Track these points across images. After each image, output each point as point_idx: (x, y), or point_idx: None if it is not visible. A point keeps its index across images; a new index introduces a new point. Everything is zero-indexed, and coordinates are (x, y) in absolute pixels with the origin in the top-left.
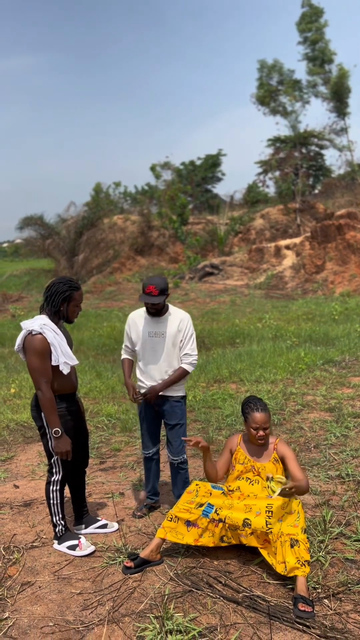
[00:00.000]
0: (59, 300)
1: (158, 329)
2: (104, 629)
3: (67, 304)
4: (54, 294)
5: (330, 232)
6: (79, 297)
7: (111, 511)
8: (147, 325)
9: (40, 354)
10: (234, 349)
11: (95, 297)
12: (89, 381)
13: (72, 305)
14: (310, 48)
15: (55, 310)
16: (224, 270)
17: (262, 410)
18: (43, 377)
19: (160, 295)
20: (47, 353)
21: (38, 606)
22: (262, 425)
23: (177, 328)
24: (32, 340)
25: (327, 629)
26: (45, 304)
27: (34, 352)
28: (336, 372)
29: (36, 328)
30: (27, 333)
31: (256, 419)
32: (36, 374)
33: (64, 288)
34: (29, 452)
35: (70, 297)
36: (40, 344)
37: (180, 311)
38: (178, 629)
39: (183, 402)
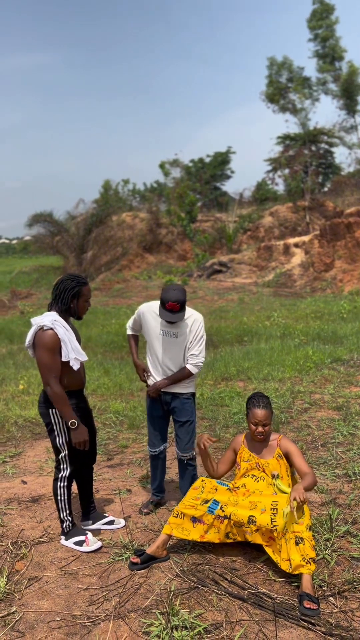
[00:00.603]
0: (68, 297)
1: (172, 329)
2: (110, 624)
3: (76, 300)
4: (62, 291)
5: (340, 230)
6: (88, 292)
7: (118, 507)
8: (161, 324)
9: (50, 350)
10: (241, 347)
11: (104, 294)
12: (96, 378)
13: (81, 301)
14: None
15: (66, 307)
16: (232, 268)
17: (264, 407)
18: (52, 373)
19: (181, 311)
20: (57, 348)
21: (45, 601)
22: (261, 422)
23: (189, 328)
24: (43, 336)
25: (332, 626)
26: (55, 302)
27: (45, 348)
28: (344, 370)
29: (47, 323)
30: (37, 329)
31: (256, 415)
32: (45, 369)
33: (72, 284)
34: (37, 448)
35: (80, 293)
36: (51, 339)
37: (195, 312)
38: (184, 624)
39: (193, 399)
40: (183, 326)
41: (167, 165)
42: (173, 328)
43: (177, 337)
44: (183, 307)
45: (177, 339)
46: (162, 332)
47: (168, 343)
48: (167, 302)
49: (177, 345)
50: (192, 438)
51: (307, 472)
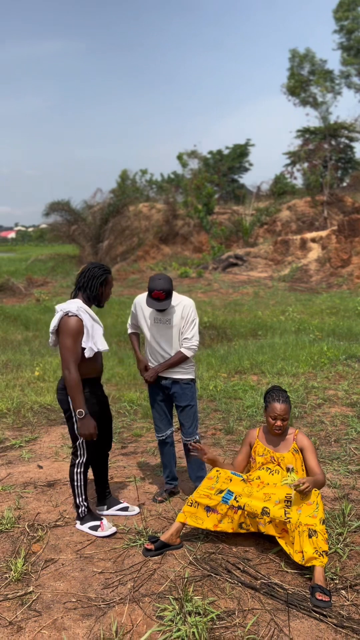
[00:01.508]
0: (97, 284)
1: (164, 316)
2: (125, 608)
3: (103, 287)
4: (90, 279)
5: (358, 226)
6: (112, 280)
7: (132, 495)
8: (154, 312)
9: (74, 335)
10: (255, 341)
11: (119, 284)
12: (111, 367)
13: (107, 289)
14: (345, 37)
15: (95, 294)
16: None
17: (283, 402)
18: (72, 357)
19: (167, 299)
20: (81, 335)
21: (61, 582)
22: (280, 415)
23: (181, 314)
24: (68, 321)
25: (343, 618)
26: (81, 289)
27: (68, 333)
28: (359, 367)
29: (73, 310)
30: (63, 314)
31: (276, 409)
32: (67, 353)
33: (99, 272)
34: (52, 434)
35: (106, 281)
36: (76, 324)
37: (184, 298)
38: (197, 611)
39: (193, 384)
40: (174, 313)
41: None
42: (164, 315)
43: (170, 323)
44: (169, 295)
45: (169, 325)
46: (156, 319)
47: (162, 329)
48: (153, 291)
49: (170, 331)
50: (194, 422)
51: (317, 472)
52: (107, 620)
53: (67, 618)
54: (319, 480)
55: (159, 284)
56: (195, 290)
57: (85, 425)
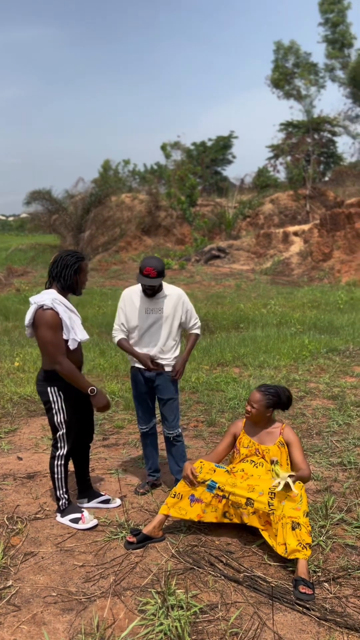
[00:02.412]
0: (70, 273)
1: (155, 306)
2: (107, 602)
3: (78, 276)
4: (63, 268)
5: (340, 220)
6: (86, 267)
7: (114, 487)
8: (144, 302)
9: (53, 328)
10: (238, 334)
11: (100, 275)
12: (92, 359)
13: (82, 277)
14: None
15: (69, 283)
16: (231, 254)
17: (259, 391)
18: (59, 350)
19: (158, 277)
20: (59, 326)
21: (41, 576)
22: (252, 402)
23: (174, 304)
24: (44, 315)
25: (326, 611)
26: (55, 279)
27: (47, 326)
28: (340, 360)
29: (47, 303)
30: (37, 307)
31: (251, 395)
32: (52, 348)
33: (72, 260)
34: (32, 425)
35: (80, 269)
36: (52, 318)
37: (175, 288)
38: (180, 604)
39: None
40: (165, 303)
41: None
42: (156, 304)
43: (161, 312)
44: (160, 275)
45: (160, 314)
46: (147, 310)
47: (153, 319)
48: (145, 268)
49: (160, 320)
50: (176, 415)
51: (302, 467)
52: (88, 615)
53: (47, 612)
54: (304, 476)
55: (151, 262)
56: (178, 282)
57: (98, 400)
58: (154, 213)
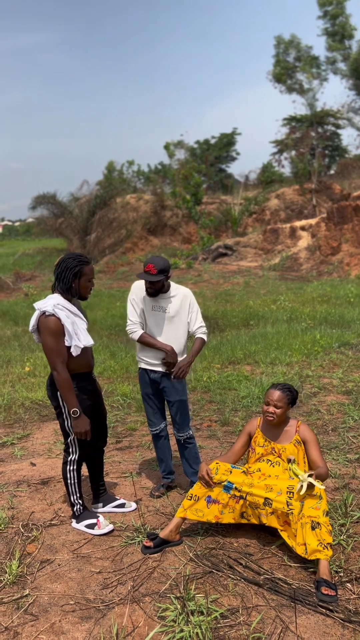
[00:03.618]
0: (69, 276)
1: (161, 304)
2: (126, 609)
3: (78, 279)
4: (64, 271)
5: (347, 213)
6: (90, 271)
7: (129, 490)
8: (151, 300)
9: (54, 334)
10: (248, 331)
11: (108, 277)
12: (102, 361)
13: (83, 281)
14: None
15: (67, 287)
16: (238, 251)
17: (280, 389)
18: (59, 357)
19: (158, 275)
20: (61, 333)
21: (58, 584)
22: (273, 401)
23: (180, 304)
24: (46, 321)
25: (350, 613)
26: (57, 282)
27: (49, 333)
28: (352, 355)
29: (49, 309)
30: (40, 314)
31: (270, 394)
32: (52, 354)
33: (73, 263)
34: (44, 430)
35: (81, 272)
36: (54, 324)
37: (182, 287)
38: (200, 610)
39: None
40: (171, 302)
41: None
42: (162, 303)
43: (167, 312)
44: (161, 273)
45: (166, 314)
46: (154, 307)
47: (159, 318)
48: (147, 264)
49: (164, 320)
50: (186, 417)
51: (320, 465)
52: (107, 623)
53: (65, 621)
54: (321, 474)
55: (154, 259)
56: (186, 281)
57: (80, 424)
58: (160, 213)
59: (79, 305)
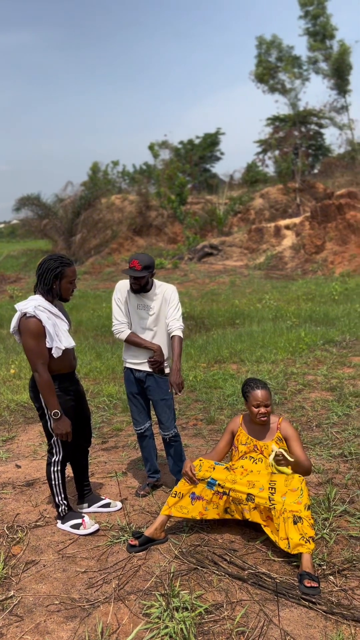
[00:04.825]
0: (50, 277)
1: (145, 302)
2: (110, 607)
3: (59, 281)
4: (45, 272)
5: (330, 211)
6: (72, 273)
7: (114, 490)
8: (135, 298)
9: (35, 336)
10: (234, 330)
11: (94, 278)
12: (88, 362)
13: (64, 282)
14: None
15: (48, 288)
16: (223, 250)
17: (263, 388)
18: (39, 359)
19: (143, 271)
20: (42, 335)
21: (43, 585)
22: (263, 402)
23: (161, 300)
24: (27, 323)
25: (333, 605)
26: (38, 283)
27: (29, 334)
28: (337, 352)
29: (30, 311)
30: (21, 315)
31: (257, 396)
32: (33, 356)
33: (54, 265)
34: (30, 432)
35: (62, 274)
36: (35, 326)
37: (165, 284)
38: (184, 606)
39: (167, 377)
40: (155, 299)
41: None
42: (146, 301)
43: (150, 310)
44: (145, 269)
45: (149, 312)
46: (139, 305)
47: (143, 316)
48: (132, 260)
49: (148, 318)
50: (171, 416)
51: (303, 459)
52: (91, 621)
53: (50, 621)
54: (305, 467)
55: (139, 256)
56: (172, 281)
57: (61, 425)
58: (145, 213)
59: (61, 307)
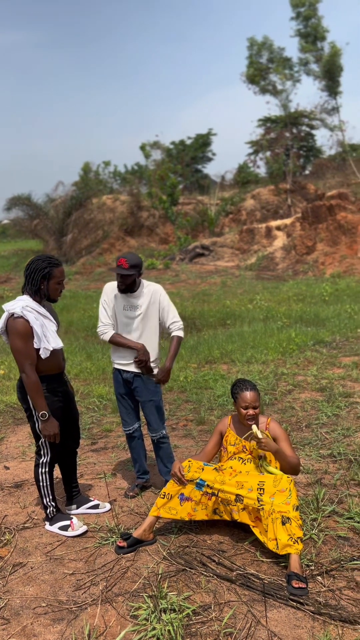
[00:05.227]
0: (38, 277)
1: (132, 302)
2: (98, 609)
3: (47, 281)
4: (33, 272)
5: (321, 212)
6: (60, 274)
7: (103, 491)
8: (122, 299)
9: (23, 337)
10: (225, 330)
11: (85, 278)
12: (79, 362)
13: (52, 283)
14: (302, 24)
15: (36, 288)
16: (215, 251)
17: (252, 389)
18: (27, 360)
19: (130, 269)
20: (30, 335)
21: (30, 587)
22: (251, 404)
23: (150, 301)
24: (14, 324)
25: (320, 605)
26: (26, 283)
27: (17, 335)
28: (327, 352)
29: (17, 311)
30: (8, 315)
31: (246, 398)
32: (20, 357)
33: (43, 265)
34: (19, 433)
35: (51, 275)
36: (22, 327)
37: (153, 284)
38: (172, 607)
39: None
40: (142, 300)
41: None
42: (133, 301)
43: (138, 309)
44: (132, 268)
45: (137, 312)
46: (125, 306)
47: (131, 317)
48: (119, 259)
49: (135, 318)
50: (159, 417)
51: (292, 456)
52: (79, 624)
53: (37, 624)
54: (293, 464)
55: (127, 255)
56: (163, 281)
57: (49, 427)
58: (136, 213)
59: (49, 307)
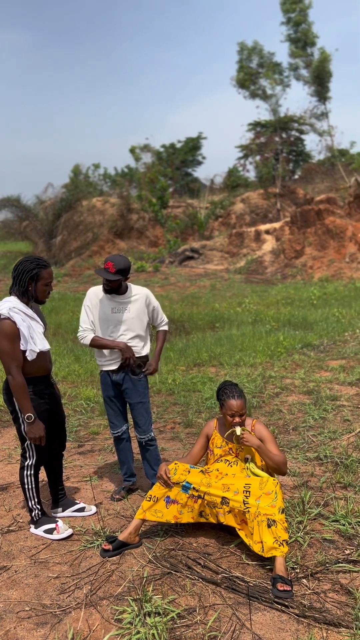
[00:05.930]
0: (26, 279)
1: (120, 306)
2: (82, 613)
3: (35, 283)
4: (20, 273)
5: (310, 217)
6: (48, 275)
7: (89, 494)
8: (110, 302)
9: (9, 338)
10: (213, 333)
11: (74, 280)
12: (67, 365)
13: (40, 285)
14: (293, 29)
15: (23, 290)
16: (204, 254)
17: (239, 397)
18: (13, 362)
19: (116, 274)
20: (17, 337)
21: (14, 591)
22: (238, 412)
23: (139, 305)
24: (1, 325)
25: (305, 608)
26: (13, 285)
27: (3, 336)
28: (314, 355)
29: (4, 312)
30: None
31: (232, 406)
32: (6, 358)
33: (31, 266)
34: (5, 435)
35: (38, 276)
36: (9, 328)
37: (141, 288)
38: (157, 611)
39: (145, 379)
40: (131, 304)
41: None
42: (122, 304)
43: (126, 313)
44: (119, 272)
45: (126, 316)
46: (113, 309)
47: (119, 320)
48: (107, 262)
49: (128, 320)
50: (148, 419)
51: (278, 454)
52: (62, 628)
53: (20, 628)
54: (277, 460)
55: (114, 258)
56: (153, 284)
57: (34, 429)
58: (126, 216)
59: (37, 309)
